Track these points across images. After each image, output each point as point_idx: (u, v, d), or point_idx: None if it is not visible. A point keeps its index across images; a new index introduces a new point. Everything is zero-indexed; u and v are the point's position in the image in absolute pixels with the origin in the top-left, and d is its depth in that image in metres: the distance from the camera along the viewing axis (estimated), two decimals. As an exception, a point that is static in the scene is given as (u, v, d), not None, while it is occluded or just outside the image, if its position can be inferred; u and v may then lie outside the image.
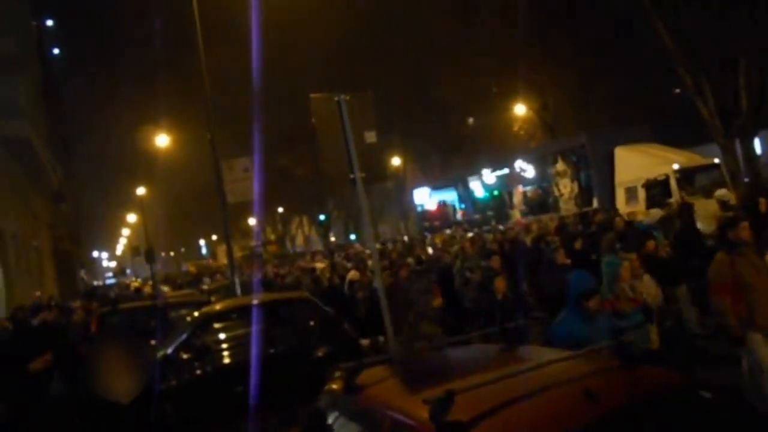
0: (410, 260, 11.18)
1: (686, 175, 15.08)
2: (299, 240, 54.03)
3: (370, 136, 6.31)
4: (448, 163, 32.40)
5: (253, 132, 21.25)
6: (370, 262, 12.13)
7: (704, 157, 16.49)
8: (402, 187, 37.64)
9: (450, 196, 25.96)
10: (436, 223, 24.95)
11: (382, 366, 3.52)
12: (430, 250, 14.90)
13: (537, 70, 22.24)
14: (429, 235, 21.23)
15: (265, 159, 15.29)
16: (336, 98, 6.08)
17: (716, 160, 15.97)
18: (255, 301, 8.50)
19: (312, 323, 8.33)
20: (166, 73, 24.37)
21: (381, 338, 7.85)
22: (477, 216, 23.14)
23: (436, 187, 26.73)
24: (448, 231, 20.68)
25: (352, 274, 11.53)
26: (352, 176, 5.97)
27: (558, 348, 3.45)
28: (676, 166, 15.17)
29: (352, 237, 43.80)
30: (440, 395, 2.46)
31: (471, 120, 31.91)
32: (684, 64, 17.75)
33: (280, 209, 47.99)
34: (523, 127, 27.30)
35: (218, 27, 18.86)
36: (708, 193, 13.98)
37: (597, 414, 2.45)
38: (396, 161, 35.67)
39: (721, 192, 11.72)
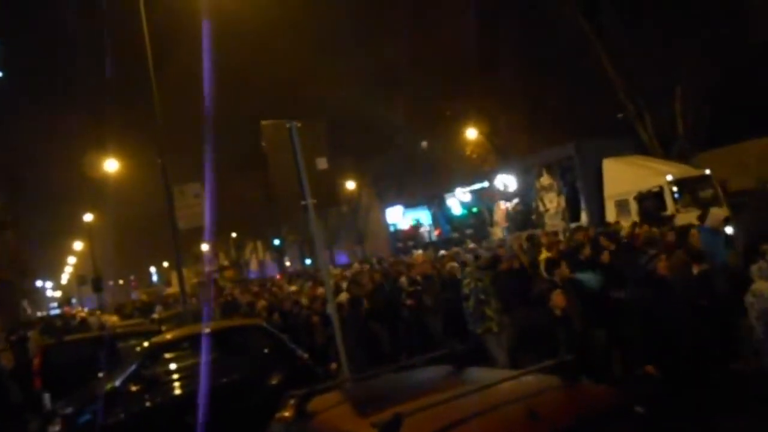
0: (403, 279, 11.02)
1: (680, 187, 14.50)
2: (253, 265, 53.35)
3: (322, 163, 6.38)
4: (404, 186, 32.70)
5: (204, 157, 21.02)
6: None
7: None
8: (357, 210, 37.73)
9: (424, 215, 25.06)
10: (410, 243, 24.11)
11: (333, 391, 3.54)
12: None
13: (487, 95, 22.83)
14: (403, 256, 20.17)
15: (218, 184, 15.11)
16: (287, 125, 6.14)
17: (707, 171, 15.33)
18: (206, 330, 8.37)
19: (265, 350, 8.23)
20: (116, 98, 23.97)
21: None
22: (455, 235, 22.17)
23: (409, 206, 25.75)
24: (420, 251, 19.98)
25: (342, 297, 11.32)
26: (303, 202, 6.01)
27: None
28: (670, 177, 14.56)
29: (308, 262, 43.54)
30: (388, 418, 2.51)
31: (424, 143, 32.39)
32: (625, 91, 18.59)
33: (234, 234, 47.38)
34: (475, 150, 27.90)
35: (169, 51, 18.75)
36: (704, 206, 13.25)
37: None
38: (351, 185, 35.79)
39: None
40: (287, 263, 47.84)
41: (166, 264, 56.11)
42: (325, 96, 23.35)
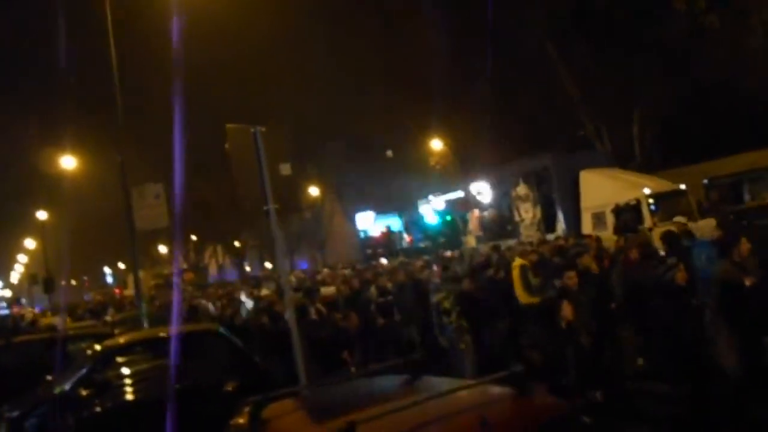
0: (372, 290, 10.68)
1: (656, 200, 14.58)
2: (212, 269, 52.54)
3: (285, 168, 6.38)
4: (369, 194, 32.76)
5: (166, 157, 20.70)
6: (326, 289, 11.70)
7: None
8: (319, 217, 37.62)
9: (395, 221, 24.86)
10: (380, 250, 23.88)
11: (288, 399, 3.55)
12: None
13: (453, 107, 23.11)
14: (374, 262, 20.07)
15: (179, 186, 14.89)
16: (252, 130, 6.12)
17: (682, 186, 15.47)
18: (162, 334, 8.22)
19: (222, 356, 8.13)
20: (75, 94, 23.42)
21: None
22: (427, 243, 21.92)
23: (380, 212, 25.64)
24: (384, 260, 19.27)
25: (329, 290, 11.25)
26: (266, 207, 6.00)
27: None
28: (647, 191, 14.62)
29: (268, 266, 43.16)
30: (343, 426, 2.54)
31: (389, 152, 32.58)
32: (586, 111, 19.20)
33: (194, 237, 46.62)
34: (439, 161, 28.17)
35: (131, 45, 18.36)
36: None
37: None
38: (314, 191, 35.68)
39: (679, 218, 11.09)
40: (247, 268, 47.29)
41: (122, 265, 54.81)
42: (292, 102, 23.29)
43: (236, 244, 44.18)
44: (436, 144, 27.26)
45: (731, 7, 14.49)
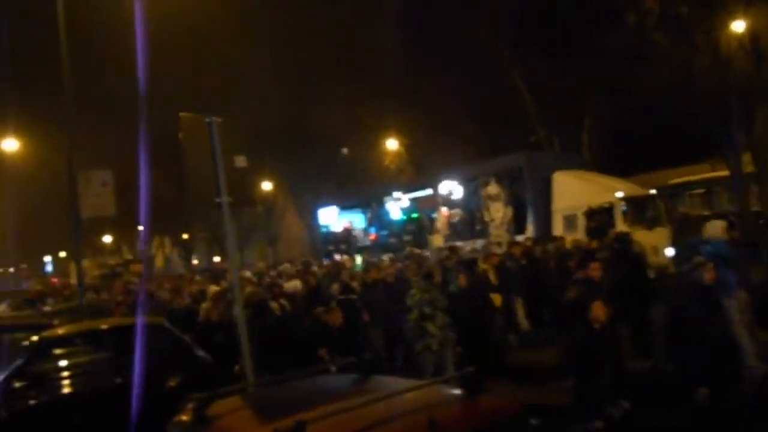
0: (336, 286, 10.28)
1: (628, 205, 14.55)
2: (159, 261, 51.27)
3: (240, 161, 6.25)
4: (322, 191, 32.55)
5: (116, 143, 20.06)
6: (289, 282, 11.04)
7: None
8: (271, 212, 37.18)
9: (359, 218, 23.94)
10: (342, 246, 23.00)
11: (234, 397, 3.48)
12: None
13: (407, 108, 23.23)
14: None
15: (126, 174, 14.43)
16: (207, 119, 5.97)
17: (653, 191, 15.60)
18: (103, 326, 7.97)
19: (165, 351, 7.93)
20: (20, 71, 22.43)
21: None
22: (392, 240, 21.12)
23: (344, 207, 24.46)
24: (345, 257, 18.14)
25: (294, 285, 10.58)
26: (218, 200, 5.87)
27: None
28: (620, 194, 14.61)
29: (216, 260, 42.41)
30: (291, 425, 2.50)
31: (345, 150, 32.46)
32: (536, 116, 19.66)
33: (140, 228, 45.38)
34: (393, 161, 28.27)
35: (83, 24, 17.68)
36: (650, 225, 13.91)
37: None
38: (267, 186, 35.23)
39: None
40: (195, 261, 46.37)
41: (63, 254, 52.88)
42: (247, 96, 22.92)
43: (184, 236, 43.27)
44: (391, 144, 27.36)
45: (679, 25, 14.99)
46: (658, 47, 15.82)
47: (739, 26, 14.46)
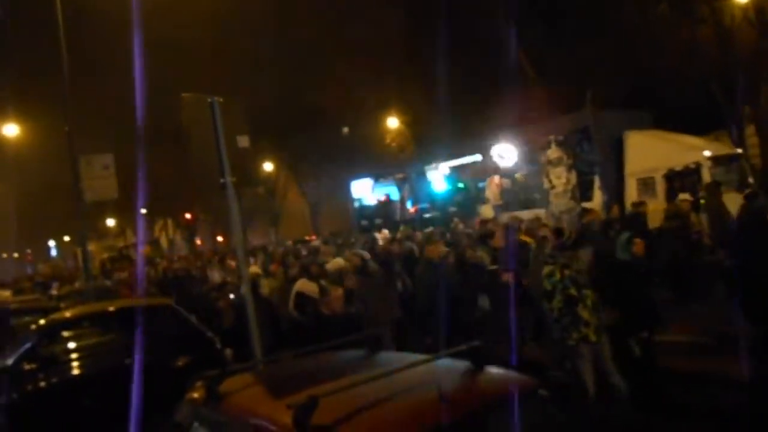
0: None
1: (715, 165, 13.09)
2: (162, 243, 51.47)
3: (243, 140, 6.22)
4: (323, 171, 32.46)
5: (116, 127, 19.99)
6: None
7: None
8: (273, 192, 37.20)
9: (394, 191, 22.60)
10: (378, 220, 21.63)
11: (244, 374, 3.51)
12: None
13: (409, 85, 23.03)
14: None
15: (129, 157, 14.43)
16: (209, 99, 5.93)
17: (739, 150, 14.39)
18: (110, 308, 8.02)
19: (173, 332, 7.98)
20: (20, 56, 22.30)
21: None
22: (435, 213, 19.64)
23: (379, 179, 23.14)
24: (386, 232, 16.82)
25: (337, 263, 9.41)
26: (222, 180, 5.85)
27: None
28: (707, 153, 13.18)
29: (220, 240, 42.65)
30: (304, 400, 2.52)
31: (346, 129, 32.29)
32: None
33: (143, 210, 45.46)
34: (395, 139, 28.12)
35: (81, 7, 17.53)
36: (739, 186, 12.38)
37: (451, 415, 2.63)
38: (268, 166, 35.17)
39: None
40: (198, 242, 46.54)
41: (67, 238, 53.07)
42: (246, 76, 22.77)
43: (187, 216, 43.41)
44: (392, 122, 27.19)
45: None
46: (663, 20, 15.63)
47: (743, -4, 14.28)
